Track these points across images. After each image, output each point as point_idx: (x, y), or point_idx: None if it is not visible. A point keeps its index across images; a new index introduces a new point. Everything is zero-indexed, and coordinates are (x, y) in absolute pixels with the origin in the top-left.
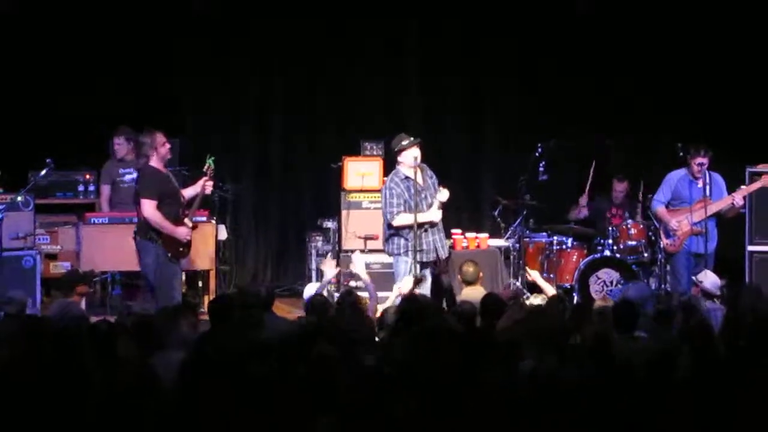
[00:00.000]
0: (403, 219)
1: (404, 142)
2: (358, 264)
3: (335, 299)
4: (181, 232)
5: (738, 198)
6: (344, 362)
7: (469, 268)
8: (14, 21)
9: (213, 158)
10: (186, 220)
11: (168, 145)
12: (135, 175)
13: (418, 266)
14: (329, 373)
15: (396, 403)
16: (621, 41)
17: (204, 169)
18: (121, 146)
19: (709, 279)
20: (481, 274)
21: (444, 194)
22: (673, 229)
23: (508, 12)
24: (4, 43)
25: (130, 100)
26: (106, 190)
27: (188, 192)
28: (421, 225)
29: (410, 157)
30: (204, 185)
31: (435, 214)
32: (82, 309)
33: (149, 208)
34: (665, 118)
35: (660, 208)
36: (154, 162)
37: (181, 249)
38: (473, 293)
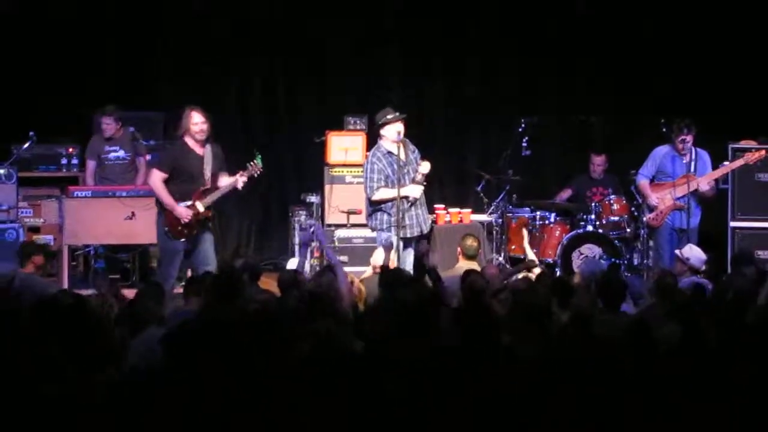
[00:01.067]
0: (382, 193)
1: (389, 116)
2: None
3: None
4: (180, 211)
5: (703, 184)
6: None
7: (474, 243)
8: (14, 21)
9: (260, 156)
10: (197, 203)
11: (198, 125)
12: (120, 152)
13: (401, 242)
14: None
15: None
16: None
17: (248, 163)
18: (109, 126)
19: (694, 254)
20: (481, 250)
21: (426, 166)
22: (653, 205)
23: None
24: (3, 43)
25: (113, 76)
26: (91, 165)
27: (224, 180)
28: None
29: (393, 131)
30: (238, 179)
31: (414, 190)
32: (41, 281)
33: (153, 176)
34: (650, 93)
35: (643, 182)
36: (188, 138)
37: (180, 228)
38: (469, 268)
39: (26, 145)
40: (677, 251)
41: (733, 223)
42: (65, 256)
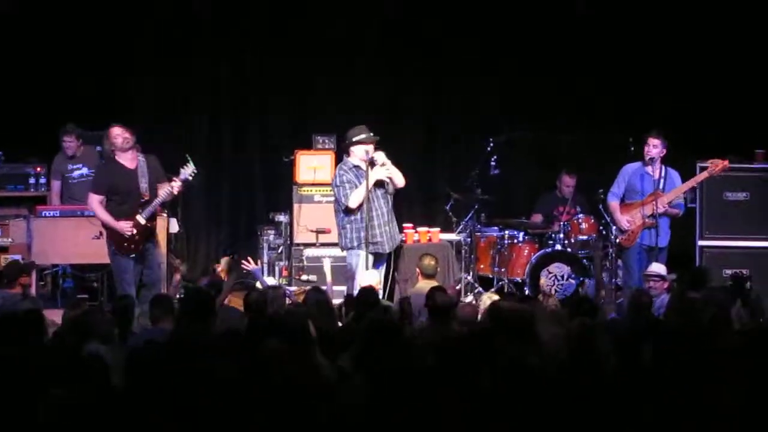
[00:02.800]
0: (356, 196)
1: (363, 136)
2: (326, 267)
3: (288, 292)
4: (121, 226)
5: (658, 204)
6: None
7: (431, 262)
8: (14, 21)
9: (191, 159)
10: (138, 217)
11: (123, 136)
12: (84, 170)
13: (371, 257)
14: (276, 368)
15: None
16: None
17: (181, 168)
18: (71, 144)
19: (663, 269)
20: (439, 269)
21: (380, 156)
22: (625, 229)
23: (472, 10)
24: (3, 43)
25: (80, 95)
26: (56, 185)
27: (162, 191)
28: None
29: (362, 150)
30: (173, 185)
31: (380, 172)
32: (22, 301)
33: (91, 200)
34: (619, 114)
35: (614, 203)
36: (118, 155)
37: (125, 244)
38: (428, 287)
39: None
40: (651, 270)
41: (701, 242)
42: (33, 275)
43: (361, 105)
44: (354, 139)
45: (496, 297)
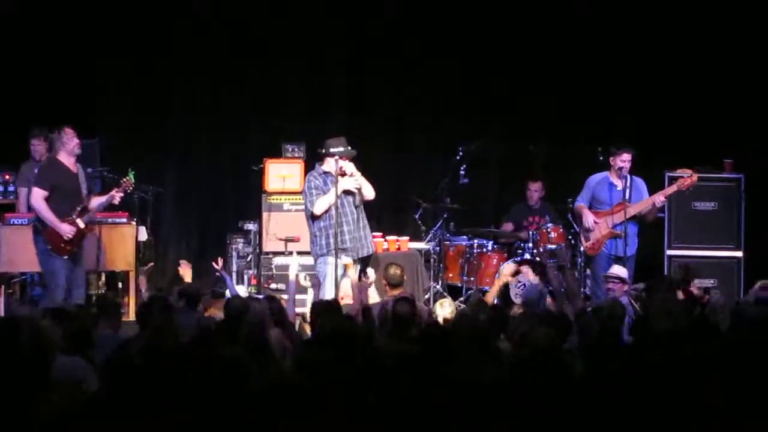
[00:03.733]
0: (322, 202)
1: (340, 149)
2: (293, 267)
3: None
4: (64, 228)
5: (658, 199)
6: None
7: (396, 271)
8: (14, 21)
9: (134, 173)
10: (78, 220)
11: (76, 140)
12: None
13: (341, 264)
14: (232, 375)
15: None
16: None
17: (121, 180)
18: (39, 146)
19: (624, 270)
20: (405, 278)
21: (349, 166)
22: (589, 227)
23: (447, 20)
24: (3, 43)
25: (50, 100)
26: (23, 192)
27: (99, 200)
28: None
29: (334, 162)
30: (113, 195)
31: (348, 183)
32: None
33: (35, 196)
34: (583, 123)
35: (580, 205)
36: (61, 156)
37: (63, 245)
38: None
39: None
40: (611, 272)
41: (669, 252)
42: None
43: (330, 113)
44: (331, 150)
45: (447, 304)
